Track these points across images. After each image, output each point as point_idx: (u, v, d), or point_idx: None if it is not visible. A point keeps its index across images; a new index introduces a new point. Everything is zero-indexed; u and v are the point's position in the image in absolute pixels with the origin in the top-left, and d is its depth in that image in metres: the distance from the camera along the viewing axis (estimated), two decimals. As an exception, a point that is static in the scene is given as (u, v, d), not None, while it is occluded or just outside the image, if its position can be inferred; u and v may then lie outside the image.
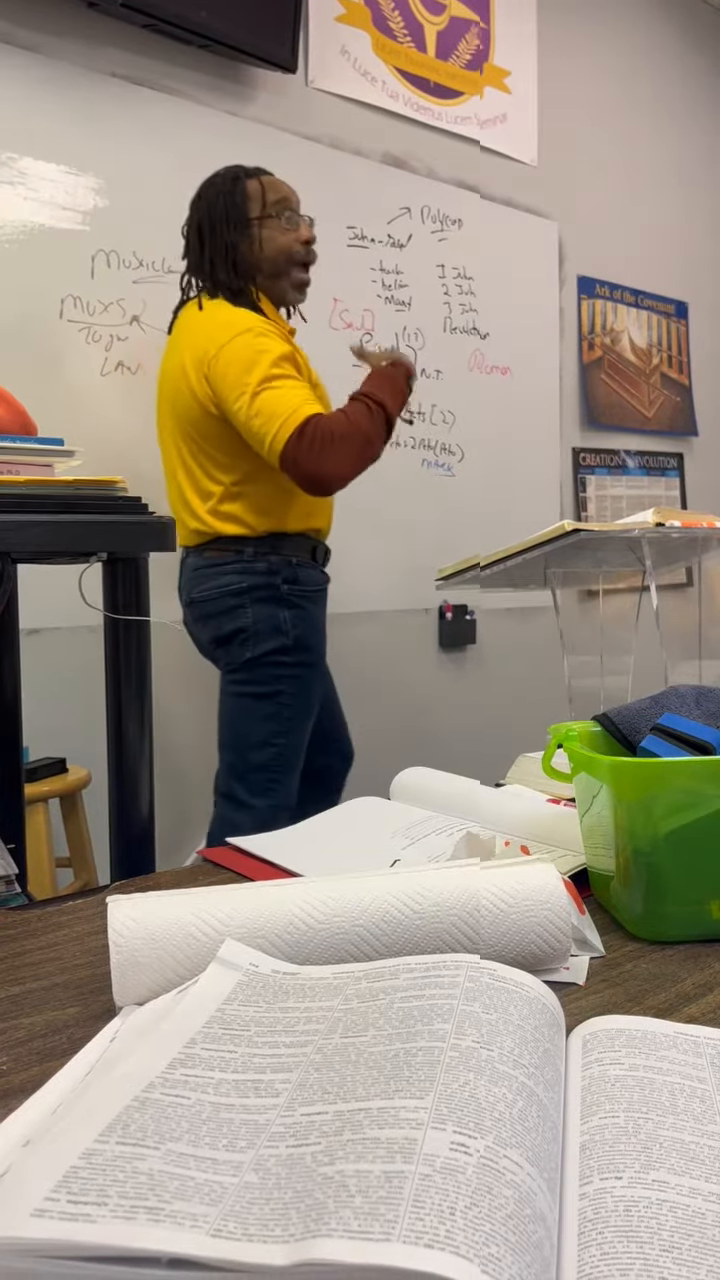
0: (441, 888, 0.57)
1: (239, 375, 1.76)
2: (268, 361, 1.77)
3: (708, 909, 0.62)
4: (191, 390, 1.84)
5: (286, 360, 1.80)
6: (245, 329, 1.79)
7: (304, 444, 1.73)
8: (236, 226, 1.89)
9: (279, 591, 1.92)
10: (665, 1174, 0.35)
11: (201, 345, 1.82)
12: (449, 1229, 0.29)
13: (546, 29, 3.37)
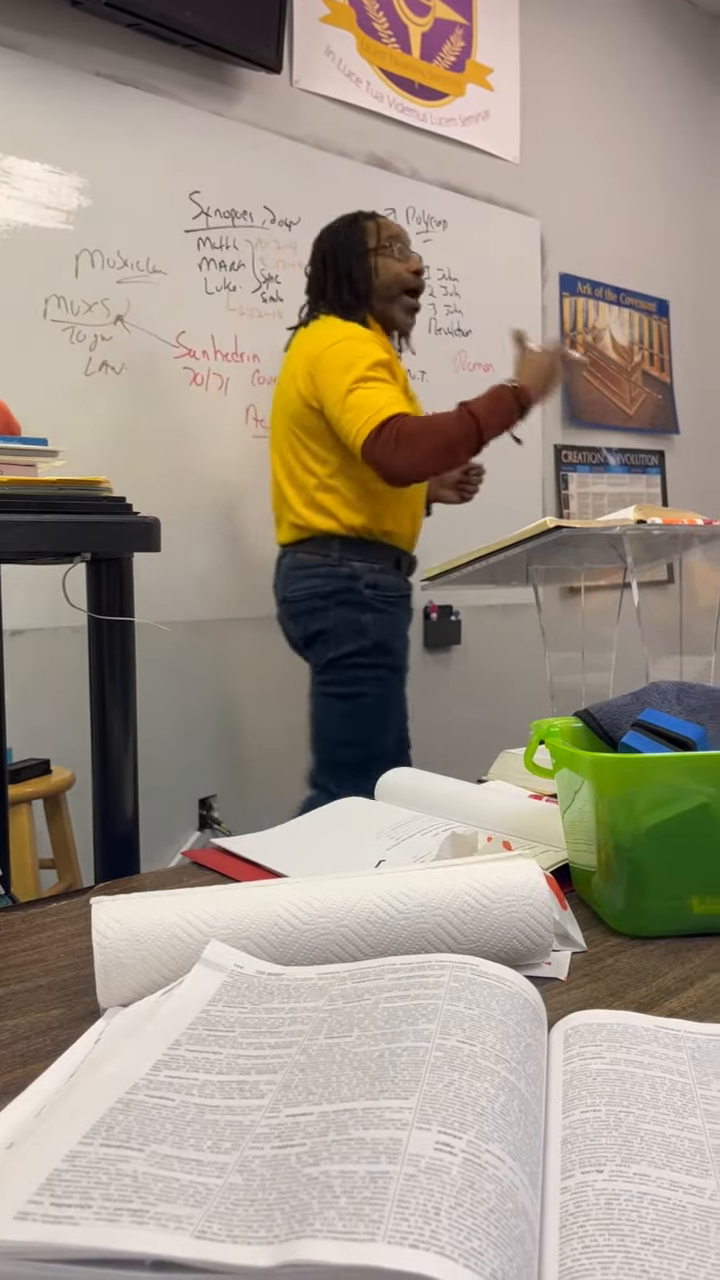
0: (426, 887, 0.57)
1: (338, 374, 1.93)
2: (365, 364, 1.93)
3: (688, 904, 0.63)
4: (299, 390, 2.02)
5: (383, 366, 1.96)
6: (350, 335, 1.99)
7: (382, 439, 1.87)
8: (354, 256, 2.09)
9: (361, 595, 2.04)
10: (646, 1167, 0.35)
11: (311, 349, 2.01)
12: (434, 1229, 0.29)
13: (529, 26, 3.38)
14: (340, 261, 2.10)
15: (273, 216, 2.70)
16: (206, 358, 2.58)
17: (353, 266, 2.09)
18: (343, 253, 2.10)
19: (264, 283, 2.69)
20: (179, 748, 2.59)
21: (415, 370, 3.03)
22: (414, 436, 1.88)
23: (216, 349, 2.60)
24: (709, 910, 0.63)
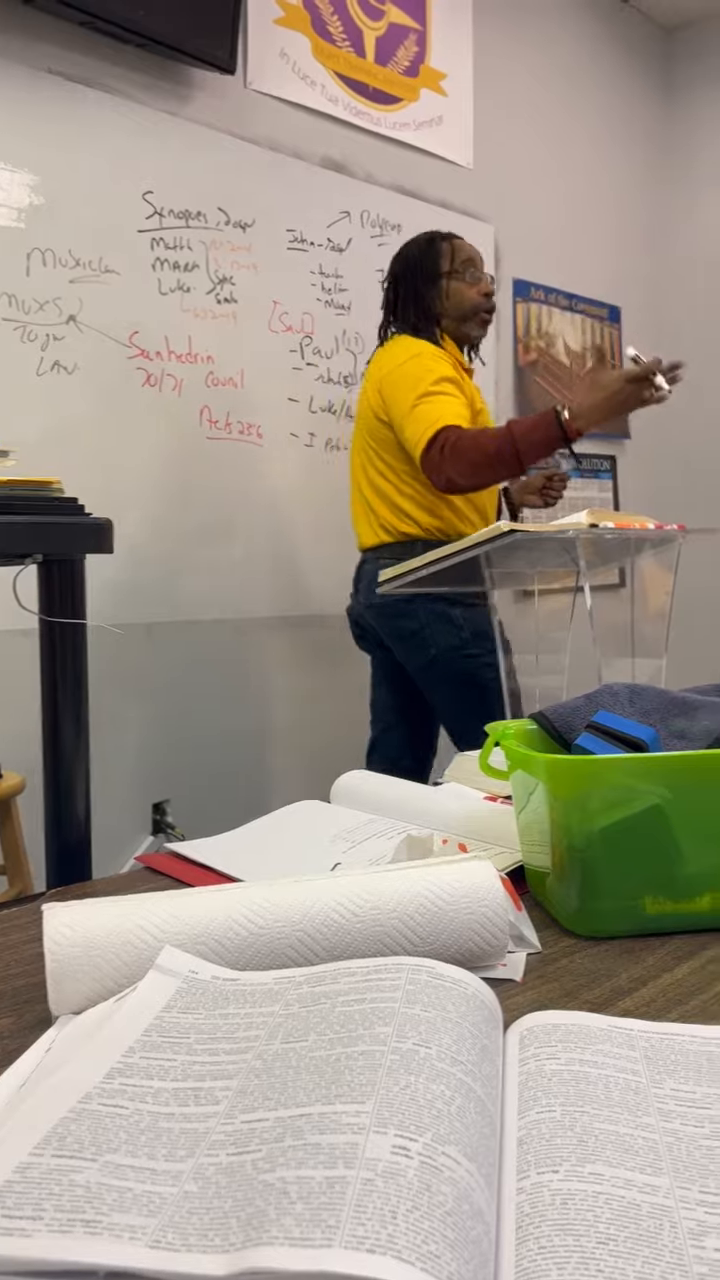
0: (381, 890, 0.57)
1: (406, 390, 2.05)
2: (430, 380, 2.04)
3: (641, 904, 0.64)
4: (371, 405, 2.16)
5: (448, 381, 2.06)
6: (419, 353, 2.09)
7: (434, 450, 1.98)
8: (428, 280, 2.21)
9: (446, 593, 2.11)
10: (601, 1166, 0.36)
11: (384, 366, 2.13)
12: (390, 1233, 0.29)
13: (482, 34, 3.40)
14: (413, 283, 2.21)
15: (227, 218, 2.69)
16: (160, 359, 2.56)
17: (425, 290, 2.20)
18: (417, 275, 2.21)
19: (218, 284, 2.67)
20: (132, 751, 2.57)
21: (370, 373, 3.04)
22: (460, 451, 1.96)
23: (170, 350, 2.58)
24: (661, 910, 0.64)
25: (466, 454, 1.95)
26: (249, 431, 2.76)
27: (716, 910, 0.64)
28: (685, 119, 4.19)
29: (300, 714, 2.91)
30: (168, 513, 2.60)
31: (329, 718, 2.98)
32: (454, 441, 1.96)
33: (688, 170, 4.19)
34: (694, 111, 4.16)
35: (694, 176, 4.18)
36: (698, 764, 0.63)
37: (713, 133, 4.11)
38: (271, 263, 2.79)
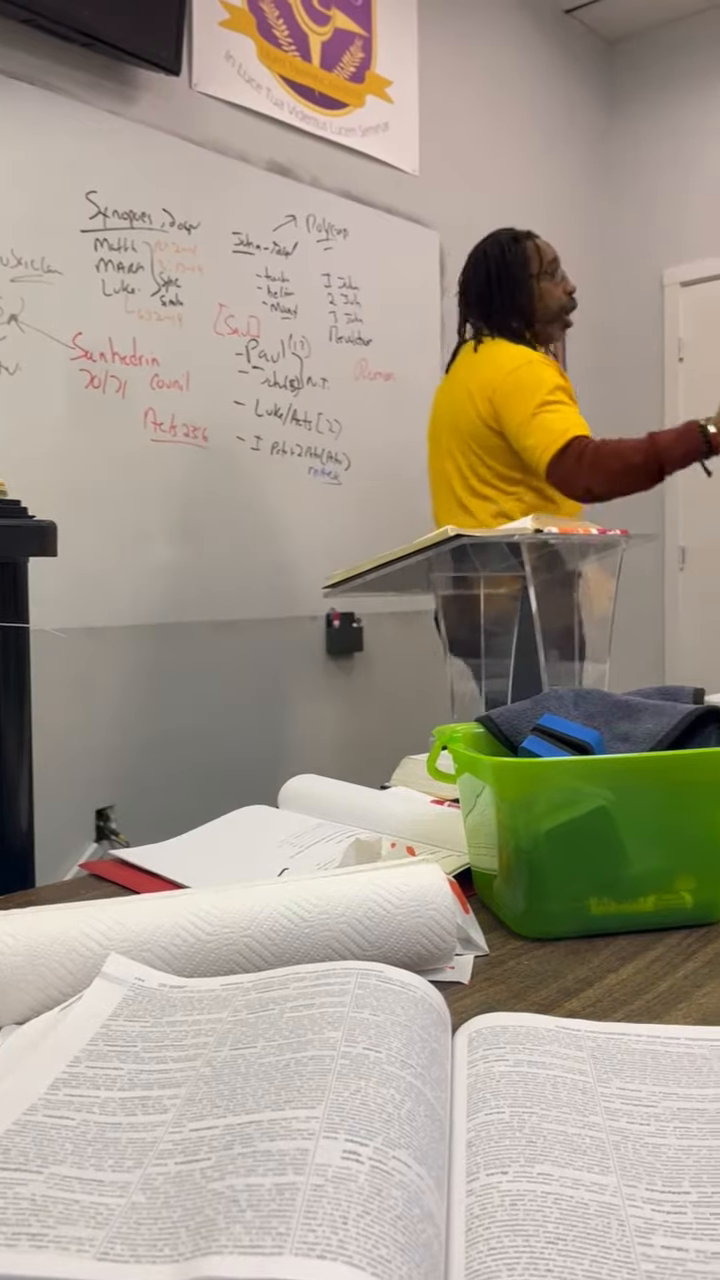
0: (329, 894, 0.57)
1: (522, 399, 2.05)
2: (546, 389, 2.05)
3: (586, 905, 0.64)
4: (477, 412, 2.14)
5: (562, 389, 2.08)
6: (527, 361, 2.10)
7: (567, 458, 1.99)
8: (520, 281, 2.22)
9: None
10: (549, 1166, 0.36)
11: (488, 375, 2.12)
12: (341, 1238, 0.29)
13: (427, 43, 3.42)
14: (506, 284, 2.22)
15: (172, 219, 2.67)
16: (104, 360, 2.54)
17: (518, 291, 2.21)
18: (508, 279, 2.22)
19: (163, 286, 2.66)
20: (75, 757, 2.53)
21: (316, 378, 3.04)
22: (601, 460, 1.98)
23: (115, 352, 2.56)
24: (606, 911, 0.64)
25: (607, 463, 1.97)
26: (194, 434, 2.74)
27: (660, 911, 0.65)
28: (627, 130, 4.26)
29: (246, 718, 2.90)
30: (112, 516, 2.57)
31: (275, 722, 2.97)
32: (593, 451, 1.98)
33: (629, 181, 4.26)
34: (635, 124, 4.23)
35: (635, 187, 4.25)
36: (641, 766, 0.64)
37: (653, 144, 4.19)
38: (217, 265, 2.78)
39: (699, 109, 4.06)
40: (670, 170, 4.15)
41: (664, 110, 4.16)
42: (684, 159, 4.11)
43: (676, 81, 4.12)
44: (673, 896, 0.65)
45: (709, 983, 0.57)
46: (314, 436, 3.04)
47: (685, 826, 0.64)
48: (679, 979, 0.58)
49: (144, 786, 2.66)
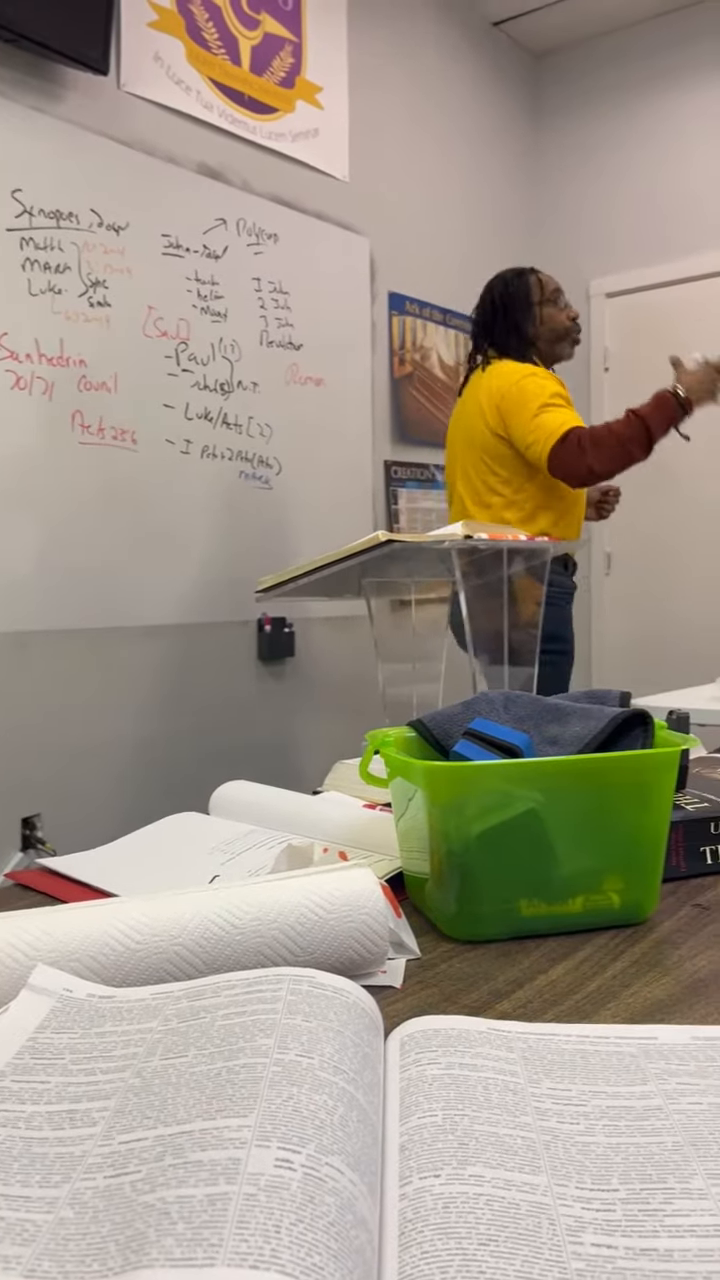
0: (261, 901, 0.57)
1: (525, 404, 2.28)
2: (547, 394, 2.29)
3: (517, 907, 0.65)
4: (486, 422, 2.37)
5: (560, 395, 2.31)
6: (530, 373, 2.33)
7: (566, 448, 2.22)
8: (523, 308, 2.46)
9: None
10: (481, 1168, 0.36)
11: (496, 385, 2.35)
12: (274, 1247, 0.28)
13: (357, 50, 3.44)
14: (510, 312, 2.46)
15: (100, 220, 2.64)
16: (30, 361, 2.50)
17: (521, 317, 2.46)
18: (513, 308, 2.46)
19: (91, 287, 2.62)
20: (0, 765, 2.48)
21: (247, 382, 3.03)
22: (596, 442, 2.20)
23: (41, 353, 2.52)
24: (537, 913, 0.65)
25: (604, 443, 2.20)
26: (123, 437, 2.71)
27: (589, 911, 0.66)
28: (553, 143, 4.33)
29: (176, 724, 2.88)
30: (39, 519, 2.53)
31: (206, 727, 2.95)
32: (589, 435, 2.22)
33: (556, 193, 4.33)
34: (561, 136, 4.30)
35: (562, 199, 4.31)
36: (569, 769, 0.64)
37: (579, 156, 4.26)
38: (146, 267, 2.75)
39: (624, 123, 4.14)
40: (596, 183, 4.23)
41: (589, 123, 4.23)
42: (609, 172, 4.19)
43: (601, 95, 4.20)
44: (601, 897, 0.66)
45: (636, 982, 0.58)
46: (245, 440, 3.03)
47: (613, 828, 0.65)
48: (607, 979, 0.59)
49: (72, 794, 2.62)
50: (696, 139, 3.97)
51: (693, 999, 0.56)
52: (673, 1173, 0.37)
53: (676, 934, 0.66)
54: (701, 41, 3.94)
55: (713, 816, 0.78)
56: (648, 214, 4.10)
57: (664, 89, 4.04)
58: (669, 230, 4.05)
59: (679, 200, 4.02)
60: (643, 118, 4.10)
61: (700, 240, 3.98)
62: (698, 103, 3.96)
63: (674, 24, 4.00)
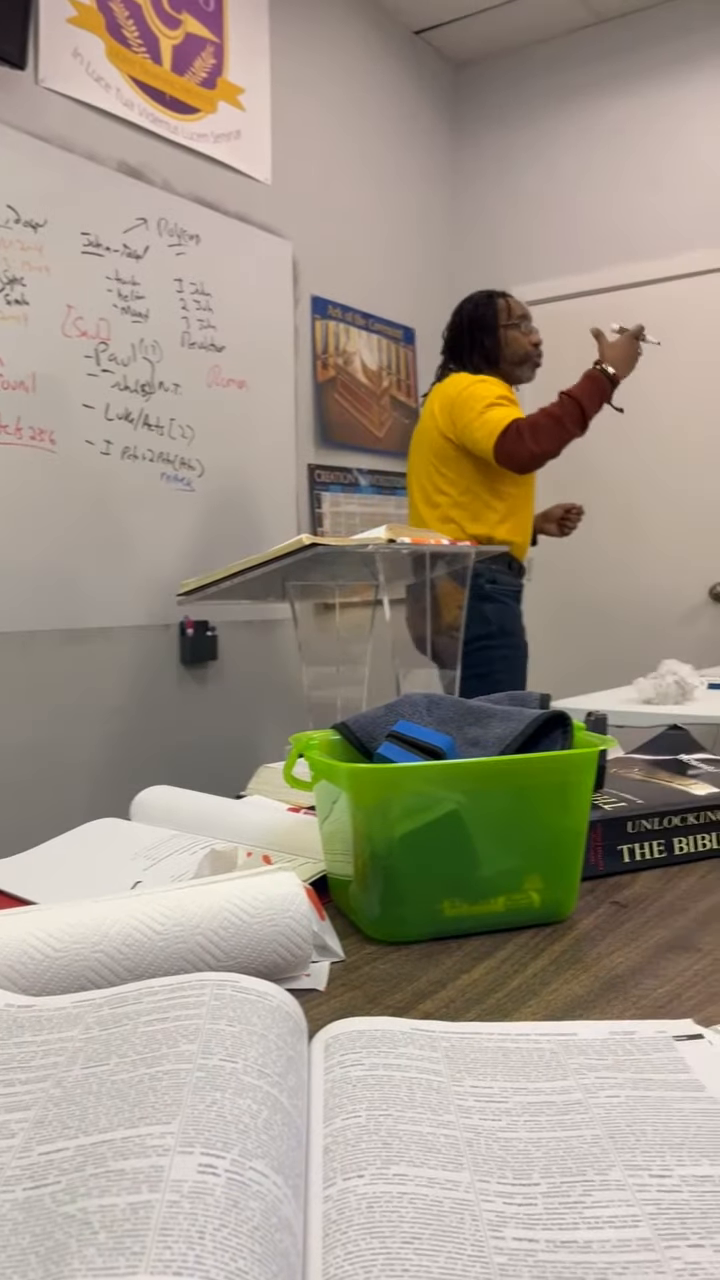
0: (184, 906, 0.56)
1: (472, 405, 2.42)
2: (493, 396, 2.43)
3: (440, 908, 0.65)
4: (437, 426, 2.51)
5: (506, 397, 2.45)
6: (482, 379, 2.48)
7: (508, 437, 2.36)
8: (488, 331, 2.60)
9: (483, 589, 2.45)
10: (405, 1167, 0.36)
11: (448, 392, 2.50)
12: (198, 1253, 0.28)
13: (279, 54, 3.44)
14: (476, 333, 2.60)
15: (17, 216, 2.59)
16: (-55, 359, 2.44)
17: (485, 338, 2.59)
18: (478, 329, 2.60)
19: (8, 285, 2.57)
20: None
21: (169, 383, 3.00)
22: (537, 427, 2.34)
23: (-44, 351, 2.46)
24: (459, 913, 0.66)
25: (543, 427, 2.34)
26: (41, 438, 2.66)
27: (510, 911, 0.67)
28: (473, 152, 4.38)
29: (96, 730, 2.83)
30: (-47, 521, 2.47)
31: (127, 733, 2.91)
32: (529, 423, 2.36)
33: (476, 202, 4.38)
34: (481, 146, 4.36)
35: (481, 208, 4.37)
36: (491, 770, 0.65)
37: (498, 166, 4.32)
38: (65, 266, 2.71)
39: (541, 135, 4.21)
40: (515, 193, 4.29)
41: (508, 134, 4.29)
42: (527, 183, 4.25)
43: (520, 108, 4.26)
44: (522, 896, 0.67)
45: (556, 979, 0.59)
46: (166, 442, 3.00)
47: (533, 828, 0.66)
48: (528, 977, 0.60)
49: (-12, 802, 2.56)
50: (612, 153, 4.05)
51: (610, 995, 0.57)
52: (592, 1165, 0.38)
53: (595, 931, 0.67)
54: (617, 58, 4.02)
55: (630, 816, 0.80)
56: (565, 225, 4.17)
57: (581, 103, 4.12)
58: (586, 241, 4.13)
59: (595, 212, 4.10)
60: (560, 130, 4.17)
61: (616, 252, 4.07)
62: (613, 117, 4.04)
63: (590, 40, 4.08)
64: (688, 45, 3.87)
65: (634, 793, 0.85)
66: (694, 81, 3.87)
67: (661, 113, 3.95)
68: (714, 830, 0.84)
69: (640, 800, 0.83)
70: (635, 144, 4.01)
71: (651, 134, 3.97)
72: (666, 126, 3.94)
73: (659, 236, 3.97)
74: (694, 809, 0.83)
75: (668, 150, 3.94)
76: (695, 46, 3.86)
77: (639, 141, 4.00)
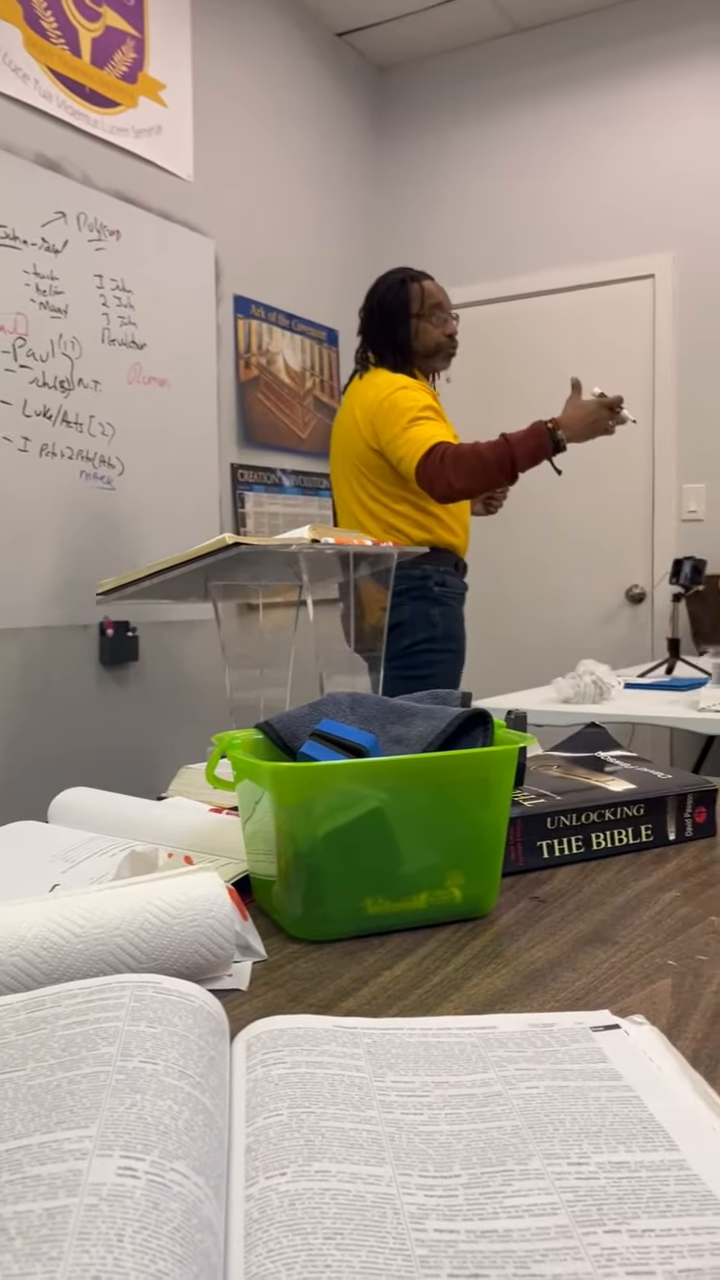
0: (104, 908, 0.55)
1: (397, 416, 2.29)
2: (416, 409, 2.29)
3: (362, 906, 0.66)
4: (361, 435, 2.38)
5: (430, 409, 2.32)
6: (402, 386, 2.34)
7: (430, 461, 2.21)
8: (399, 321, 2.45)
9: (431, 592, 2.39)
10: (327, 1163, 0.36)
11: (369, 398, 2.36)
12: (116, 1257, 0.28)
13: (201, 52, 3.41)
14: (386, 324, 2.46)
15: (-69, 207, 2.53)
16: None
17: (397, 330, 2.45)
18: (389, 317, 2.46)
19: None
20: None
21: (88, 380, 2.95)
22: (460, 459, 2.18)
23: None
24: (382, 910, 0.66)
25: (466, 461, 2.18)
26: (-44, 434, 2.60)
27: (432, 907, 0.67)
28: (396, 156, 4.41)
29: (13, 731, 2.78)
30: None
31: (45, 734, 2.86)
32: (453, 452, 2.20)
33: (400, 206, 4.40)
34: (404, 151, 4.38)
35: (405, 212, 4.39)
36: (413, 768, 0.66)
37: (422, 171, 4.35)
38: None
39: (465, 140, 4.25)
40: (438, 196, 4.32)
41: (431, 139, 4.33)
42: (451, 187, 4.29)
43: (442, 114, 4.30)
44: (444, 893, 0.67)
45: (477, 974, 0.60)
46: (86, 440, 2.96)
47: (455, 825, 0.67)
48: (450, 972, 0.60)
49: None
50: (535, 160, 4.11)
51: (530, 988, 0.58)
52: (511, 1155, 0.38)
53: (515, 926, 0.68)
54: (540, 66, 4.08)
55: (549, 812, 0.81)
56: (489, 229, 4.22)
57: (503, 110, 4.17)
58: (508, 247, 4.19)
59: (518, 218, 4.16)
60: (482, 136, 4.22)
61: (538, 258, 4.13)
62: (535, 126, 4.10)
63: (511, 49, 4.13)
64: (603, 58, 3.95)
65: (553, 789, 0.87)
66: (612, 93, 3.95)
67: (582, 122, 4.02)
68: (630, 826, 0.85)
69: (559, 797, 0.84)
70: (557, 152, 4.07)
71: (572, 143, 4.04)
72: (586, 136, 4.01)
73: (582, 243, 4.04)
74: (611, 805, 0.84)
75: (590, 158, 4.01)
76: (611, 59, 3.94)
77: (560, 150, 4.07)
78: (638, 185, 3.91)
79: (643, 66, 3.87)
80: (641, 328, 3.94)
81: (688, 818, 0.88)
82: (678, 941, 0.64)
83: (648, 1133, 0.40)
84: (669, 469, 3.90)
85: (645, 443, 3.95)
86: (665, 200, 3.86)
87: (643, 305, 3.93)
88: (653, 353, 3.92)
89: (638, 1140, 0.39)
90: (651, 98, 3.86)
